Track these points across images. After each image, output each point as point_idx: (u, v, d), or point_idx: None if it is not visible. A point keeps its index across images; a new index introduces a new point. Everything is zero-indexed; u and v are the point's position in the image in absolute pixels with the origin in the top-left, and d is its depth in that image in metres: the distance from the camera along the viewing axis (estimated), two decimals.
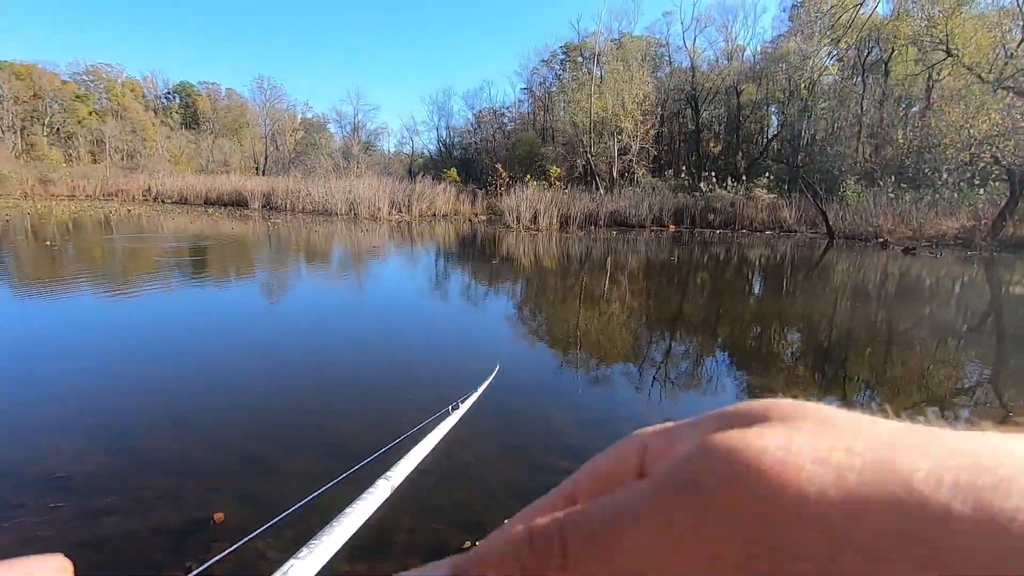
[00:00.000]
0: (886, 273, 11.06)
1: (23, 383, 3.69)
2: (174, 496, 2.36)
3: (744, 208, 21.28)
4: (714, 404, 2.01)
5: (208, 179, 31.78)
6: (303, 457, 2.76)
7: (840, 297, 8.40)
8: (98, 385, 3.70)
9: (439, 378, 4.08)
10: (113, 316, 5.64)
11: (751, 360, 4.97)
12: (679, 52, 31.88)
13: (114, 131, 45.63)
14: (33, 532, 2.10)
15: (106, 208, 23.09)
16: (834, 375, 4.58)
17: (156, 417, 3.20)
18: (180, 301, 6.55)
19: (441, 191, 24.39)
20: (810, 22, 22.62)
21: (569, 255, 12.71)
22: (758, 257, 13.28)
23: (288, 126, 55.15)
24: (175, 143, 50.25)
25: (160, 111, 55.62)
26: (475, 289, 8.47)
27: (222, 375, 4.02)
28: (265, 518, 1.56)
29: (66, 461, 2.63)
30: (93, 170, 35.58)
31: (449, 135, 40.46)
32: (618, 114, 24.82)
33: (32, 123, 44.14)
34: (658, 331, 6.07)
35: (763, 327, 6.32)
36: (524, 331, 5.94)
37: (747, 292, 8.97)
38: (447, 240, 15.69)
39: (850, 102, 24.58)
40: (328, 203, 23.04)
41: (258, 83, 54.38)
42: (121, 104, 49.85)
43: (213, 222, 18.54)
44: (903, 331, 6.24)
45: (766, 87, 28.09)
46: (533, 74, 37.30)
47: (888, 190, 18.96)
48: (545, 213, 19.74)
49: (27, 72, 44.42)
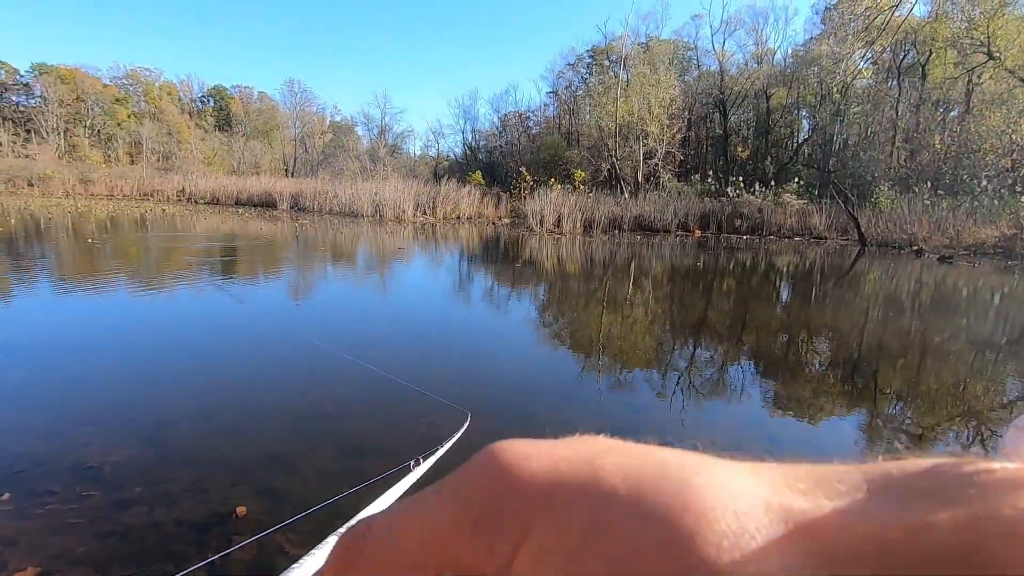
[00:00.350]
0: (920, 282, 10.71)
1: (61, 375, 3.82)
2: (199, 489, 2.41)
3: (772, 214, 20.86)
4: (738, 413, 2.00)
5: (239, 180, 32.63)
6: (323, 456, 2.79)
7: (872, 306, 8.16)
8: (130, 379, 3.81)
9: (458, 379, 4.09)
10: (145, 312, 5.80)
11: (778, 369, 4.86)
12: (707, 55, 31.53)
13: (151, 133, 47.13)
14: (64, 519, 2.16)
15: (142, 208, 23.85)
16: (864, 386, 4.44)
17: (184, 412, 3.28)
18: (208, 299, 6.71)
19: (465, 194, 24.52)
20: (843, 24, 22.13)
21: (592, 259, 12.63)
22: (786, 264, 13.00)
23: (317, 129, 56.24)
24: (208, 145, 51.65)
25: (195, 114, 57.26)
26: (497, 291, 8.48)
27: (247, 372, 4.09)
28: (283, 513, 1.58)
29: (97, 452, 2.71)
30: (131, 171, 36.83)
31: (474, 138, 40.72)
32: (644, 118, 24.62)
33: (75, 125, 45.88)
34: (681, 337, 5.98)
35: (791, 336, 6.17)
36: (546, 334, 5.92)
37: (775, 300, 8.78)
38: (471, 243, 15.75)
39: (885, 106, 23.93)
40: (354, 205, 23.38)
41: (289, 86, 55.71)
42: (158, 107, 51.50)
43: (243, 222, 18.98)
44: (938, 343, 6.02)
45: (797, 91, 27.55)
46: (559, 77, 37.31)
47: (924, 196, 18.38)
48: (569, 217, 19.68)
49: (71, 76, 46.23)
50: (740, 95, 28.83)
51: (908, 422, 3.69)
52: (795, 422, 3.62)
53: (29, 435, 2.89)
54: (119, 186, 31.04)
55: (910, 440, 3.32)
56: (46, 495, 2.32)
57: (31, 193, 28.30)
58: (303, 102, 56.23)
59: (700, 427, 3.37)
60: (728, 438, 3.22)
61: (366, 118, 48.59)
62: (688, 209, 21.45)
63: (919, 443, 3.29)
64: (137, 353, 4.40)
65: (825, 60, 24.24)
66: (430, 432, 3.08)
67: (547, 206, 20.06)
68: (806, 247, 17.14)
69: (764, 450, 1.41)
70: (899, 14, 19.14)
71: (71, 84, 45.85)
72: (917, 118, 22.46)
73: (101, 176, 32.01)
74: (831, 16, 25.86)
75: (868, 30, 20.02)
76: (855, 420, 3.73)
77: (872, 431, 3.52)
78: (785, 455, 1.38)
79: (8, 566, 1.90)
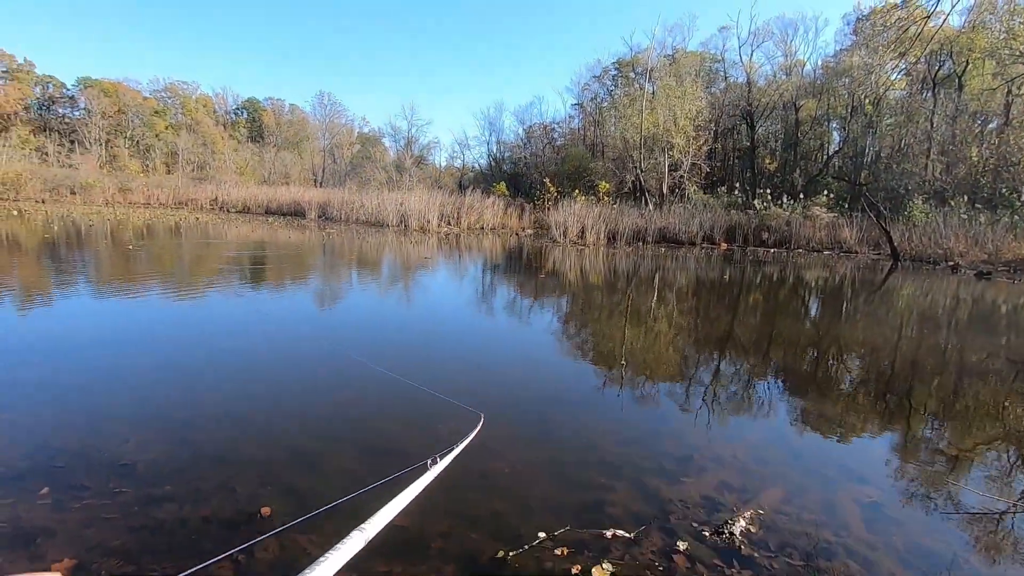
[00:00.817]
0: (957, 298, 10.36)
1: (102, 375, 3.96)
2: (227, 488, 2.47)
3: (801, 227, 20.44)
4: (763, 428, 1.98)
5: (269, 190, 33.48)
6: (346, 457, 2.83)
7: (905, 322, 7.93)
8: (165, 379, 3.92)
9: (473, 384, 4.11)
10: (179, 315, 5.98)
11: (805, 385, 4.75)
12: (735, 67, 31.18)
13: (187, 144, 48.70)
14: (98, 513, 2.23)
15: (177, 216, 24.63)
16: (897, 405, 4.31)
17: (214, 413, 3.37)
18: (238, 304, 6.89)
19: (490, 204, 24.67)
20: (875, 35, 21.73)
21: (616, 271, 12.57)
22: (815, 278, 12.72)
23: (345, 140, 57.40)
24: (241, 156, 53.10)
25: (229, 125, 59.00)
26: (520, 301, 8.50)
27: (277, 375, 4.18)
28: (307, 513, 1.61)
29: (131, 450, 2.80)
30: (167, 180, 38.11)
31: (499, 149, 40.96)
32: (669, 130, 24.48)
33: (116, 136, 47.69)
34: (706, 351, 5.90)
35: (819, 351, 6.03)
36: (568, 345, 5.90)
37: (803, 314, 8.60)
38: (494, 253, 15.83)
39: (919, 117, 23.33)
40: (380, 214, 23.72)
41: (319, 99, 56.99)
42: (194, 119, 53.25)
43: (272, 231, 19.44)
44: (976, 361, 5.81)
45: (827, 102, 27.06)
46: (584, 90, 37.34)
47: (960, 210, 17.81)
48: (592, 228, 19.62)
49: (114, 89, 48.21)
50: (768, 107, 28.45)
51: (944, 443, 3.57)
52: (822, 440, 3.53)
53: (70, 432, 3.00)
54: (156, 195, 32.10)
55: (946, 463, 3.21)
56: (83, 490, 2.41)
57: (73, 201, 29.46)
58: (333, 114, 57.51)
59: (723, 441, 3.32)
60: (751, 454, 3.16)
61: (393, 129, 49.23)
62: (714, 221, 21.17)
63: (955, 466, 3.17)
64: (172, 354, 4.54)
65: (856, 71, 23.77)
66: (448, 434, 3.10)
67: (570, 217, 20.05)
68: (835, 261, 16.75)
69: (787, 466, 1.43)
70: (933, 24, 18.74)
71: (113, 97, 47.78)
72: (953, 130, 21.83)
73: (139, 185, 33.15)
74: (863, 27, 25.41)
75: (900, 41, 19.63)
76: (887, 440, 3.62)
77: (905, 452, 3.41)
78: (810, 472, 1.39)
79: (47, 556, 1.97)
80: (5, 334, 4.91)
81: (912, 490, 2.87)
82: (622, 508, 2.47)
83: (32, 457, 2.69)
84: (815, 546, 2.27)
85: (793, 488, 2.76)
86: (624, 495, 2.58)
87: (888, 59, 20.76)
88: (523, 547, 2.14)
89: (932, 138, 22.26)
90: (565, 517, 2.37)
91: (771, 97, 28.32)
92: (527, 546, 2.15)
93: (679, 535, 2.28)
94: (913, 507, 2.68)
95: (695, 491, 2.66)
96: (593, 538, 2.24)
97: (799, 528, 2.39)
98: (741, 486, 2.74)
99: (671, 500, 2.57)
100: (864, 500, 2.69)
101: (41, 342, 4.73)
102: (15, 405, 3.34)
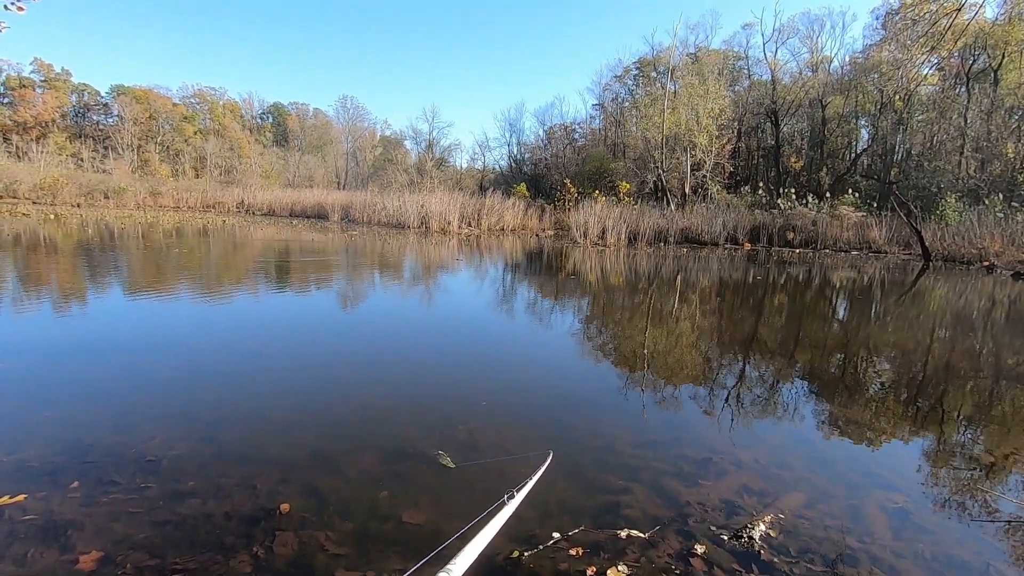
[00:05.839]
0: (993, 300, 10.01)
1: (132, 372, 4.08)
2: (248, 485, 2.52)
3: (827, 226, 19.97)
4: (788, 432, 1.94)
5: (294, 193, 34.11)
6: (366, 458, 2.86)
7: (938, 325, 7.69)
8: (189, 379, 4.02)
9: (496, 386, 4.11)
10: (205, 315, 6.12)
11: (832, 388, 4.64)
12: (759, 65, 30.68)
13: (215, 149, 49.90)
14: (125, 508, 2.30)
15: (204, 219, 25.23)
16: (930, 410, 4.18)
17: (238, 411, 3.44)
18: (264, 304, 7.02)
19: (510, 206, 24.70)
20: (905, 29, 21.14)
21: (637, 272, 12.46)
22: (842, 279, 12.42)
23: (368, 143, 58.12)
24: (267, 159, 54.17)
25: (255, 130, 60.28)
26: (542, 303, 8.48)
27: (301, 375, 4.25)
28: (326, 511, 1.63)
29: (157, 446, 2.87)
30: (195, 184, 39.09)
31: (520, 151, 40.97)
32: (692, 129, 24.18)
33: (147, 142, 49.11)
34: (730, 354, 5.80)
35: (847, 354, 5.89)
36: (588, 347, 5.87)
37: (830, 315, 8.40)
38: (514, 254, 15.84)
39: (952, 113, 22.60)
40: (401, 216, 23.93)
41: (342, 103, 57.94)
42: (222, 124, 54.55)
43: (296, 232, 19.77)
44: (1013, 364, 5.61)
45: (855, 99, 26.40)
46: (605, 90, 37.12)
47: (996, 209, 17.20)
48: (613, 229, 19.49)
49: (145, 96, 49.68)
50: (793, 104, 27.87)
51: (979, 449, 3.44)
52: (848, 444, 3.44)
53: (101, 428, 3.10)
54: (184, 199, 32.95)
55: (980, 469, 3.10)
56: (111, 484, 2.48)
57: (106, 205, 30.38)
58: (355, 118, 58.37)
59: (746, 444, 3.26)
60: (773, 458, 3.10)
61: (414, 132, 49.63)
62: (737, 221, 20.83)
63: (991, 472, 3.06)
64: (198, 355, 4.65)
65: (886, 67, 23.16)
66: (469, 438, 3.11)
67: (591, 218, 19.95)
68: (864, 261, 16.33)
69: (810, 471, 1.39)
70: (966, 17, 18.12)
71: (144, 103, 49.24)
72: (988, 126, 21.08)
73: (169, 189, 34.07)
74: (893, 21, 24.73)
75: (932, 34, 19.06)
76: (917, 445, 3.51)
77: (936, 457, 3.31)
78: (835, 477, 1.35)
79: (76, 548, 2.04)
80: (43, 334, 5.09)
81: (944, 497, 2.78)
82: (639, 510, 2.44)
83: (66, 453, 2.78)
84: (838, 552, 2.21)
85: (816, 493, 2.70)
86: (641, 497, 2.56)
87: (919, 54, 20.19)
88: (538, 547, 2.13)
89: (966, 134, 21.55)
90: (581, 518, 2.35)
91: (796, 94, 27.75)
92: (542, 546, 2.14)
93: (697, 538, 2.25)
94: (944, 514, 2.60)
95: (714, 494, 2.62)
96: (609, 539, 2.22)
97: (822, 534, 2.34)
98: (762, 490, 2.69)
99: (689, 503, 2.53)
100: (891, 507, 2.61)
101: (76, 342, 4.89)
102: (54, 403, 3.46)
